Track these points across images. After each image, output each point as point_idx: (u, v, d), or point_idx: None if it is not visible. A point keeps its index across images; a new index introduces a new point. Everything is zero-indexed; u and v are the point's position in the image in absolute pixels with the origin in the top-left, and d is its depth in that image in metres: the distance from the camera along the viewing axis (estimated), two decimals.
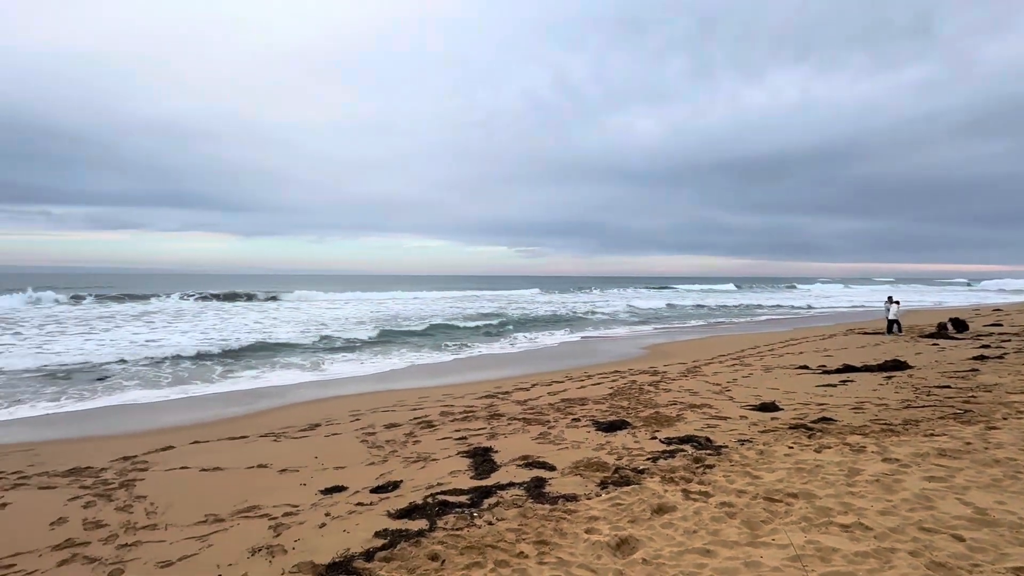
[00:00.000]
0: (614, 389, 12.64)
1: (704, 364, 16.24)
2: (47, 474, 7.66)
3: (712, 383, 12.88)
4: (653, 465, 6.89)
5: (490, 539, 4.91)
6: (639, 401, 11.09)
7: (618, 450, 7.71)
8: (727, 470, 6.50)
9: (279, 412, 11.64)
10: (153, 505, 6.40)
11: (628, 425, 9.08)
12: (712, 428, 8.72)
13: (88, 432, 10.34)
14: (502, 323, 33.17)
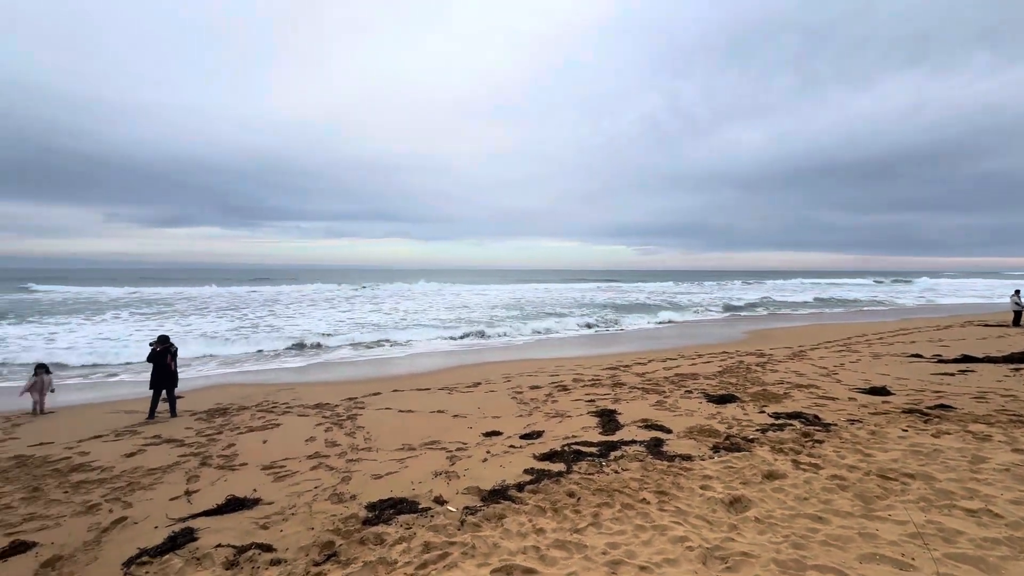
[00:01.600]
0: (723, 368, 11.65)
1: (810, 349, 14.35)
2: (303, 406, 8.88)
3: (819, 366, 11.34)
4: (762, 436, 6.23)
5: (617, 485, 4.77)
6: (747, 379, 10.10)
7: (728, 420, 7.08)
8: (837, 446, 5.66)
9: (451, 372, 12.38)
10: (368, 434, 7.13)
11: (737, 399, 8.31)
12: (820, 407, 7.66)
13: (326, 379, 11.83)
14: (621, 309, 32.22)
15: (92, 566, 3.70)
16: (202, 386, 10.92)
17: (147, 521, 4.46)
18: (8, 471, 5.86)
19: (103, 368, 13.22)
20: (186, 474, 5.67)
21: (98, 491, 5.19)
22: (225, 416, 8.33)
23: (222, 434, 7.25)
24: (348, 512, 4.44)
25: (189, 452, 6.45)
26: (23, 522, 4.48)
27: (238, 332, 20.45)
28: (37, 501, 4.96)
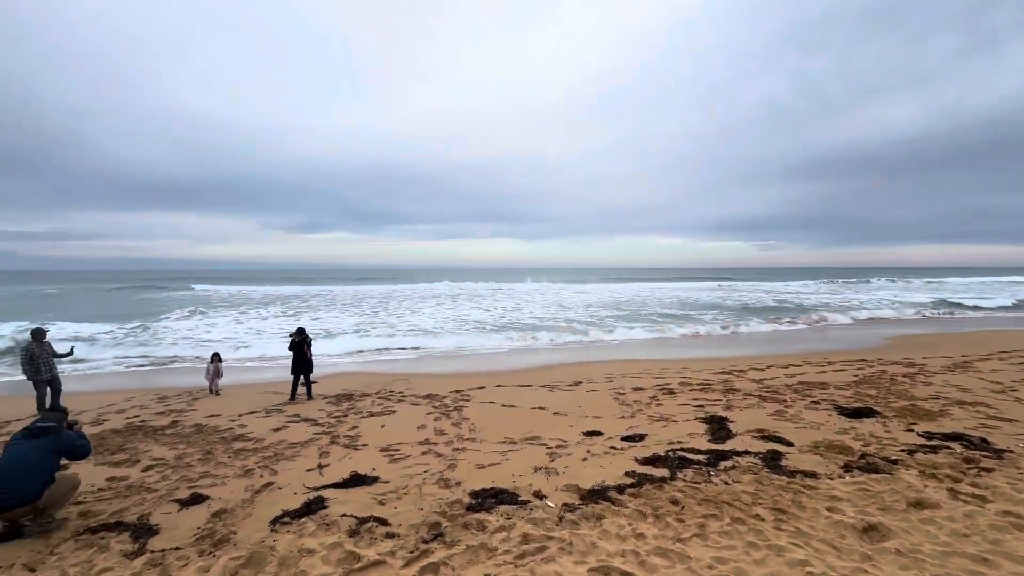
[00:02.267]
0: (859, 377, 10.25)
1: (978, 360, 12.03)
2: (415, 396, 9.58)
3: (990, 381, 9.47)
4: (908, 457, 5.38)
5: (726, 497, 4.46)
6: (890, 391, 8.78)
7: (864, 437, 6.23)
8: (1013, 478, 4.71)
9: (552, 370, 12.47)
10: (473, 425, 7.48)
11: (876, 414, 7.27)
12: (990, 429, 6.41)
13: (436, 371, 12.62)
14: (733, 310, 29.81)
15: (247, 520, 4.37)
16: (332, 373, 12.28)
17: (288, 487, 5.16)
18: (190, 436, 7.15)
19: (253, 355, 15.48)
20: (319, 450, 6.44)
21: (253, 458, 6.11)
22: (350, 401, 9.29)
23: (348, 417, 8.10)
24: (453, 497, 4.71)
25: (321, 431, 7.31)
26: (200, 478, 5.44)
27: (359, 326, 22.64)
28: (209, 462, 5.99)
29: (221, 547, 3.86)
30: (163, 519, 4.44)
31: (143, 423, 7.87)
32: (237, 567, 3.52)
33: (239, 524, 4.29)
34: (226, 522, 4.33)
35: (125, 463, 5.99)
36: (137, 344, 17.14)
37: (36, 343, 8.73)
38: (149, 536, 4.09)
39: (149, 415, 8.41)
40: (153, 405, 9.17)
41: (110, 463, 5.97)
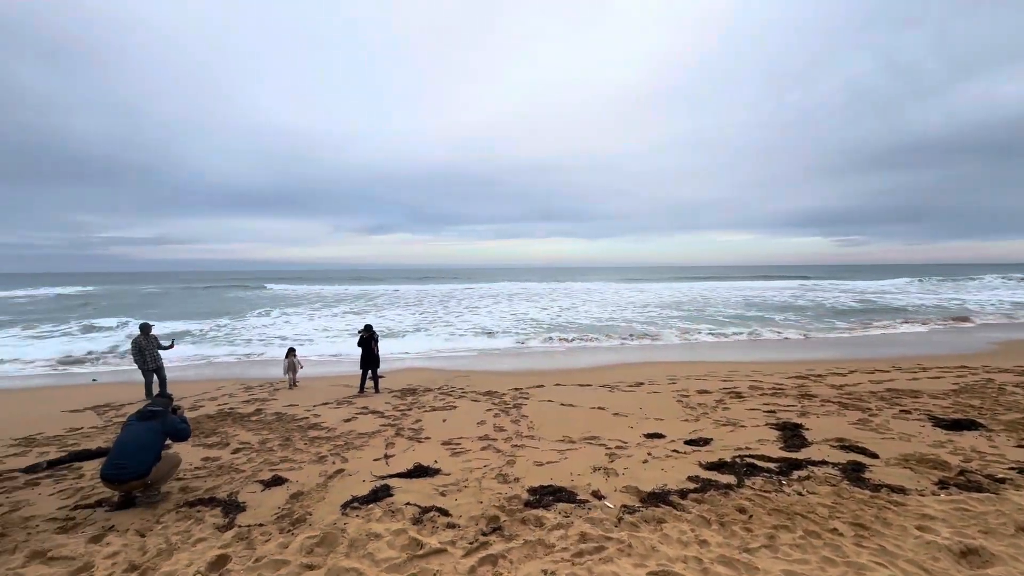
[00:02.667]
0: (960, 385, 9.24)
1: None
2: (475, 392, 9.79)
3: None
4: (1019, 476, 4.80)
5: (799, 508, 4.20)
6: (997, 402, 7.84)
7: (964, 451, 5.62)
8: None
9: (611, 370, 12.26)
10: (531, 423, 7.53)
11: (980, 426, 6.52)
12: None
13: (495, 368, 12.81)
14: (808, 309, 27.79)
15: (321, 504, 4.69)
16: (397, 369, 12.81)
17: (357, 475, 5.46)
18: (271, 424, 7.75)
19: (324, 351, 16.46)
20: (385, 441, 6.76)
21: (326, 446, 6.53)
22: (414, 396, 9.66)
23: (412, 411, 8.44)
24: (512, 492, 4.78)
25: (387, 423, 7.67)
26: (280, 462, 5.89)
27: (421, 324, 23.43)
28: (288, 448, 6.47)
29: (298, 526, 4.17)
30: (249, 497, 4.85)
31: (232, 410, 8.63)
32: (312, 545, 3.79)
33: (314, 506, 4.60)
34: (303, 503, 4.67)
35: (217, 445, 6.60)
36: (224, 338, 18.80)
37: (143, 336, 9.82)
38: (237, 512, 4.49)
39: (237, 403, 9.22)
40: (240, 394, 10.03)
41: (204, 445, 6.61)
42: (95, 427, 7.67)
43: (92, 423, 7.91)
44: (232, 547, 3.79)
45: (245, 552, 3.72)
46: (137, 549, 3.80)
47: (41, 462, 5.84)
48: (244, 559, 3.62)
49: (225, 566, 3.53)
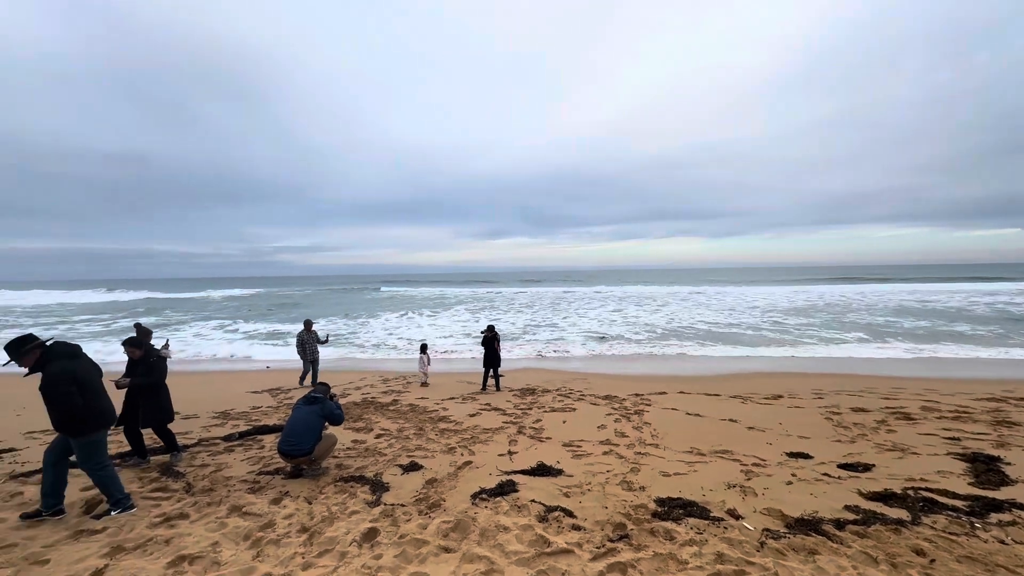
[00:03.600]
0: None
1: None
2: (594, 396, 9.68)
3: None
4: None
5: (1002, 559, 3.45)
6: None
7: None
8: None
9: (742, 379, 11.26)
10: (655, 431, 7.23)
11: None
12: None
13: (612, 372, 12.54)
14: (995, 319, 22.65)
15: (452, 492, 5.01)
16: (515, 368, 13.19)
17: (484, 468, 5.73)
18: (406, 414, 8.49)
19: (448, 348, 17.54)
20: (508, 437, 7.00)
21: (455, 438, 6.96)
22: (533, 396, 9.86)
23: (532, 410, 8.62)
24: (638, 501, 4.64)
25: (509, 421, 7.93)
26: (415, 450, 6.43)
27: (536, 325, 23.81)
28: (422, 437, 7.02)
29: (434, 511, 4.51)
30: (391, 479, 5.36)
31: (373, 400, 9.63)
32: (447, 529, 4.06)
33: (447, 493, 4.93)
34: (437, 490, 5.03)
35: (363, 430, 7.41)
36: (362, 335, 21.02)
37: (305, 331, 11.37)
38: (382, 491, 4.99)
39: (376, 393, 10.26)
40: (379, 385, 11.15)
41: (353, 428, 7.46)
42: (271, 406, 9.09)
43: (268, 403, 9.40)
44: (380, 522, 4.22)
45: (391, 528, 4.12)
46: (306, 514, 4.42)
47: (234, 433, 7.09)
48: (390, 534, 4.01)
49: (375, 538, 3.94)
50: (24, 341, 4.14)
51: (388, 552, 3.70)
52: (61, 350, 4.30)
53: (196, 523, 4.18)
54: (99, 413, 4.35)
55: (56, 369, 4.12)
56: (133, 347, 5.84)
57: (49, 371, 4.11)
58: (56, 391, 4.05)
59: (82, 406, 4.18)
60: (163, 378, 6.00)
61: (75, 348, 4.43)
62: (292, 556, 3.64)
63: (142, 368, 5.84)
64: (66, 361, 4.23)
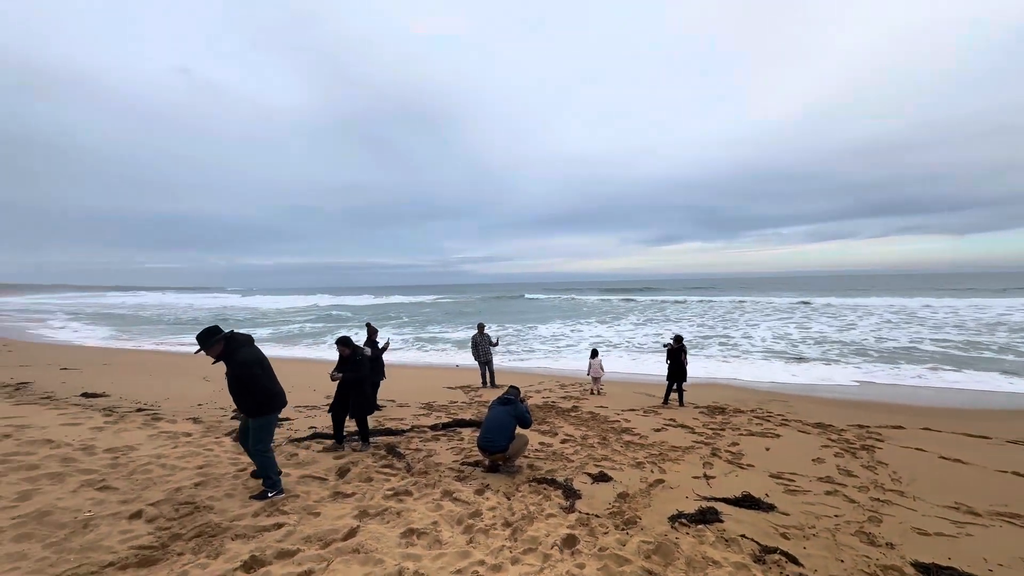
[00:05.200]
0: None
1: None
2: (801, 422, 8.35)
3: None
4: None
5: None
6: None
7: None
8: None
9: (1017, 418, 8.48)
10: (896, 474, 5.87)
11: None
12: None
13: (818, 396, 10.66)
14: None
15: (647, 510, 4.76)
16: (696, 383, 12.18)
17: (679, 489, 5.35)
18: (588, 421, 8.48)
19: (619, 358, 17.07)
20: (700, 459, 6.44)
21: (641, 453, 6.68)
22: (724, 415, 8.95)
23: (725, 431, 7.81)
24: (887, 561, 3.77)
25: (700, 440, 7.31)
26: (602, 459, 6.34)
27: (708, 338, 21.69)
28: (606, 447, 6.91)
29: (630, 528, 4.34)
30: (581, 487, 5.36)
31: (554, 404, 9.87)
32: (649, 551, 3.86)
33: (641, 511, 4.72)
34: (630, 505, 4.85)
35: (548, 433, 7.62)
36: (535, 340, 21.85)
37: (479, 333, 12.20)
38: (575, 498, 5.01)
39: (556, 398, 10.50)
40: (557, 390, 11.40)
41: (539, 431, 7.72)
42: (464, 402, 10.02)
43: (462, 399, 10.37)
44: (577, 530, 4.21)
45: (589, 538, 4.08)
46: (507, 509, 4.67)
47: (439, 423, 7.96)
48: (589, 544, 3.97)
49: (575, 546, 3.94)
50: (212, 332, 4.47)
51: (590, 564, 3.65)
52: (241, 339, 4.68)
53: (418, 501, 4.75)
54: (274, 395, 4.74)
55: (246, 354, 4.54)
56: (343, 346, 6.52)
57: (239, 357, 4.50)
58: (249, 373, 4.49)
59: (268, 387, 4.66)
60: (367, 374, 6.58)
61: (250, 337, 4.78)
62: (500, 548, 3.85)
63: (351, 364, 6.50)
64: (249, 348, 4.64)
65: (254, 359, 4.60)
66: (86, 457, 5.46)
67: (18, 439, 5.95)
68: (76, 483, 4.72)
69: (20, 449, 5.59)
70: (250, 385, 4.52)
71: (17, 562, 3.30)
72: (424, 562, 3.57)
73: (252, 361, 4.56)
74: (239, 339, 4.65)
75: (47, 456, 5.41)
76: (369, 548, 3.69)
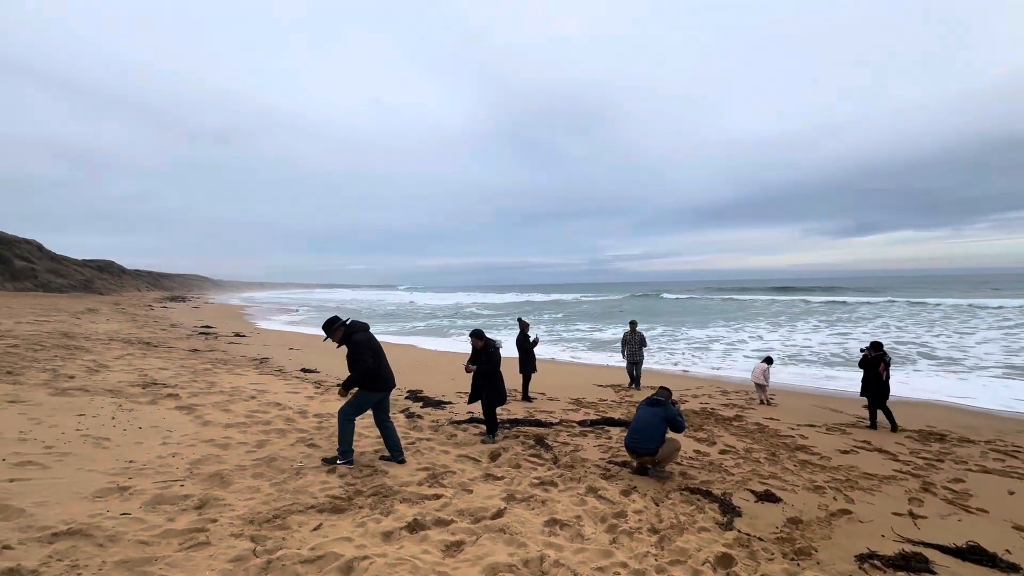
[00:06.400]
0: None
1: None
2: None
3: None
4: None
5: None
6: None
7: None
8: None
9: None
10: None
11: None
12: None
13: None
14: None
15: (826, 543, 4.05)
16: (903, 401, 9.93)
17: (871, 525, 4.44)
18: (753, 433, 7.57)
19: (796, 364, 14.79)
20: (906, 493, 5.24)
21: (821, 475, 5.71)
22: (942, 443, 7.15)
23: (943, 463, 6.24)
24: None
25: (906, 471, 5.95)
26: (769, 477, 5.59)
27: (929, 346, 17.36)
28: (775, 464, 6.07)
29: (803, 559, 3.74)
30: (743, 504, 4.80)
31: (713, 411, 9.04)
32: None
33: (818, 543, 4.03)
34: (803, 534, 4.18)
35: (704, 441, 7.01)
36: (689, 342, 20.24)
37: (631, 331, 11.69)
38: (733, 515, 4.51)
39: (716, 405, 9.60)
40: (717, 396, 10.42)
41: (694, 438, 7.15)
42: (614, 400, 9.80)
43: (612, 397, 10.15)
44: (735, 550, 3.78)
45: (749, 562, 3.63)
46: (654, 515, 4.42)
47: (587, 419, 7.93)
48: (749, 568, 3.53)
49: (731, 567, 3.55)
50: (334, 321, 5.17)
51: None
52: (358, 326, 5.27)
53: (563, 493, 4.78)
54: (377, 377, 5.18)
55: (361, 338, 5.11)
56: (476, 339, 6.74)
57: (355, 340, 5.09)
58: (359, 354, 5.03)
59: (373, 369, 5.11)
60: (498, 367, 6.62)
61: (366, 325, 5.35)
62: (645, 554, 3.66)
63: (484, 357, 6.64)
64: (363, 333, 5.20)
65: (366, 344, 5.15)
66: (301, 419, 6.76)
67: (260, 400, 7.65)
68: (293, 439, 5.87)
69: (260, 408, 7.17)
70: (358, 364, 5.05)
71: (253, 494, 4.23)
72: (565, 553, 3.58)
73: (365, 346, 5.11)
74: (356, 327, 5.28)
75: (276, 415, 6.85)
76: (514, 530, 3.84)
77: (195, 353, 13.25)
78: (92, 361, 9.93)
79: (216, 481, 4.41)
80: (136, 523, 3.47)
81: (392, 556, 3.30)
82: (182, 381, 8.60)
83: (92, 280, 56.38)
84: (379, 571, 3.12)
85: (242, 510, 3.87)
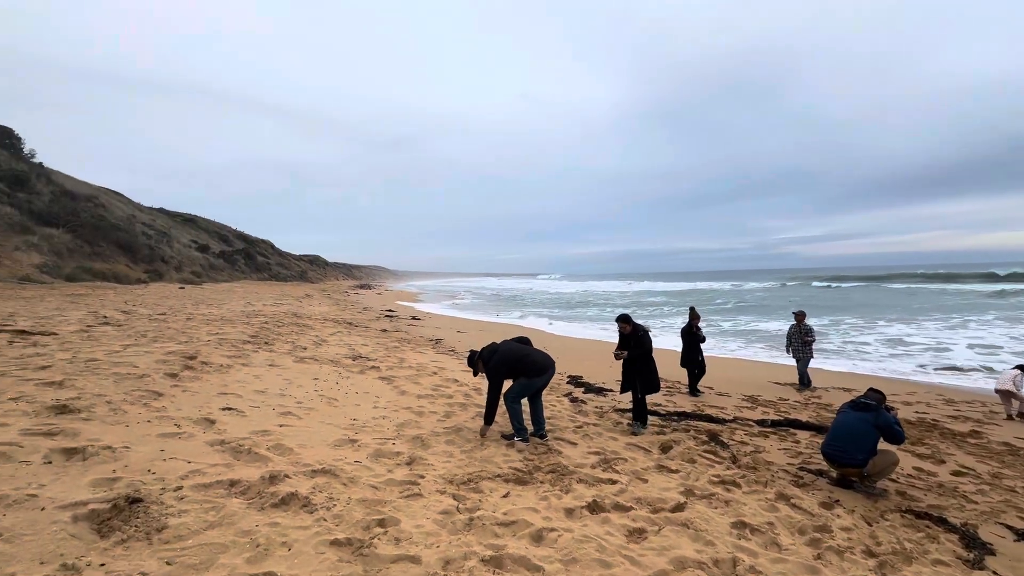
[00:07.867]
0: None
1: None
2: None
3: None
4: None
5: None
6: None
7: None
8: None
9: None
10: None
11: None
12: None
13: None
14: None
15: None
16: None
17: None
18: (1001, 454, 6.02)
19: None
20: None
21: None
22: None
23: None
24: None
25: None
26: None
27: None
28: None
29: None
30: (995, 540, 3.87)
31: (935, 422, 7.41)
32: None
33: None
34: None
35: (929, 459, 5.79)
36: (894, 338, 16.75)
37: (796, 324, 10.09)
38: (983, 552, 3.66)
39: (939, 415, 7.85)
40: (940, 406, 8.50)
41: (912, 452, 5.96)
42: (798, 401, 8.67)
43: (795, 397, 9.00)
44: None
45: None
46: (868, 535, 3.81)
47: (766, 419, 7.17)
48: None
49: None
50: (472, 356, 5.82)
51: None
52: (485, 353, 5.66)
53: (748, 495, 4.41)
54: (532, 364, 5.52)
55: (492, 365, 5.50)
56: (624, 323, 6.48)
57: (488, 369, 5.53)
58: (489, 381, 5.49)
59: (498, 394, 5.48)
60: (650, 351, 6.32)
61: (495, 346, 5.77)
62: None
63: (633, 342, 6.36)
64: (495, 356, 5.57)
65: (493, 371, 5.51)
66: (477, 396, 7.39)
67: (441, 376, 8.57)
68: (472, 413, 6.45)
69: (442, 383, 8.04)
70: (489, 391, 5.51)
71: (448, 458, 4.78)
72: (761, 560, 3.30)
73: (492, 373, 5.51)
74: (484, 354, 5.68)
75: (456, 391, 7.60)
76: (699, 527, 3.67)
77: (384, 333, 15.42)
78: (316, 336, 12.24)
79: (418, 443, 5.08)
80: (366, 470, 4.19)
81: (578, 532, 3.42)
82: (379, 355, 10.09)
83: (306, 271, 69.48)
84: (567, 544, 3.26)
85: (442, 470, 4.39)
